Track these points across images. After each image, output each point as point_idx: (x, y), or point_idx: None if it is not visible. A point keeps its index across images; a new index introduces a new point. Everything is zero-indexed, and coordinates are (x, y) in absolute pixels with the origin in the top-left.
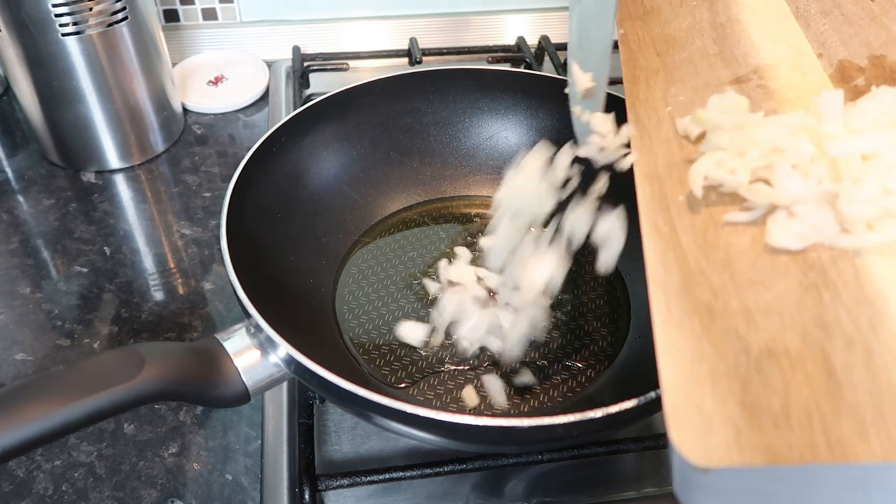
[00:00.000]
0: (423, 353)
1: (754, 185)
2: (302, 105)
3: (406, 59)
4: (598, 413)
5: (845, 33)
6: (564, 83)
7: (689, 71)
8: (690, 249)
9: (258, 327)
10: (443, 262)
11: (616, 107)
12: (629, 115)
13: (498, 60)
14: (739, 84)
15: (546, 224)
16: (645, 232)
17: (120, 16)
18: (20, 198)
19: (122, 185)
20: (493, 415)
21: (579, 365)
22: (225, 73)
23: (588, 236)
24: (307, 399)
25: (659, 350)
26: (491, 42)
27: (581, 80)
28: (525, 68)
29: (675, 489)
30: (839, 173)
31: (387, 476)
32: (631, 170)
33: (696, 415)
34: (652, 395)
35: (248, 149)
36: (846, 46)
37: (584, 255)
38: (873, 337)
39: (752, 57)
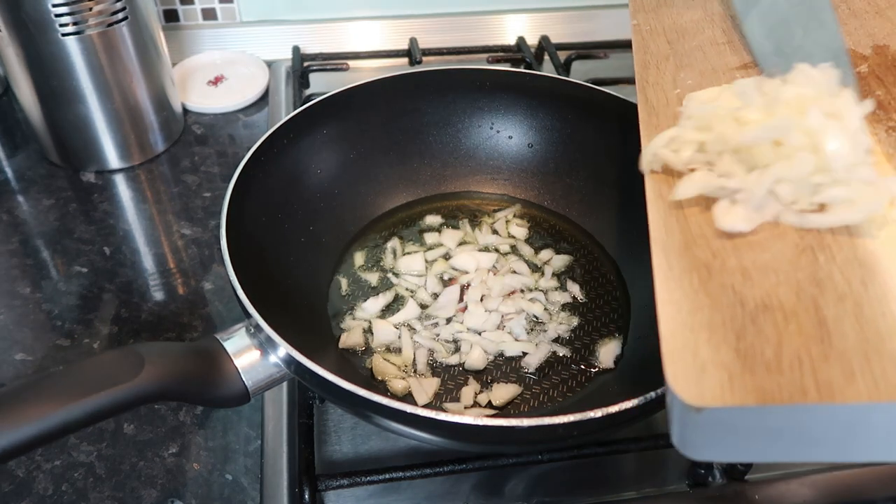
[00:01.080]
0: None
1: (698, 170)
2: (302, 105)
3: (406, 59)
4: (598, 413)
5: (851, 25)
6: (564, 83)
7: (698, 57)
8: (693, 215)
9: (258, 327)
10: (442, 261)
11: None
12: (638, 97)
13: (498, 60)
14: (746, 69)
15: None
16: (650, 198)
17: (120, 16)
18: (20, 198)
19: (122, 185)
20: (494, 414)
21: (579, 365)
22: (225, 73)
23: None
24: (307, 399)
25: (659, 302)
26: (491, 42)
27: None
28: (525, 68)
29: (673, 437)
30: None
31: (387, 476)
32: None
33: (692, 359)
34: (652, 395)
35: (248, 149)
36: (851, 37)
37: (585, 254)
38: (864, 292)
39: None
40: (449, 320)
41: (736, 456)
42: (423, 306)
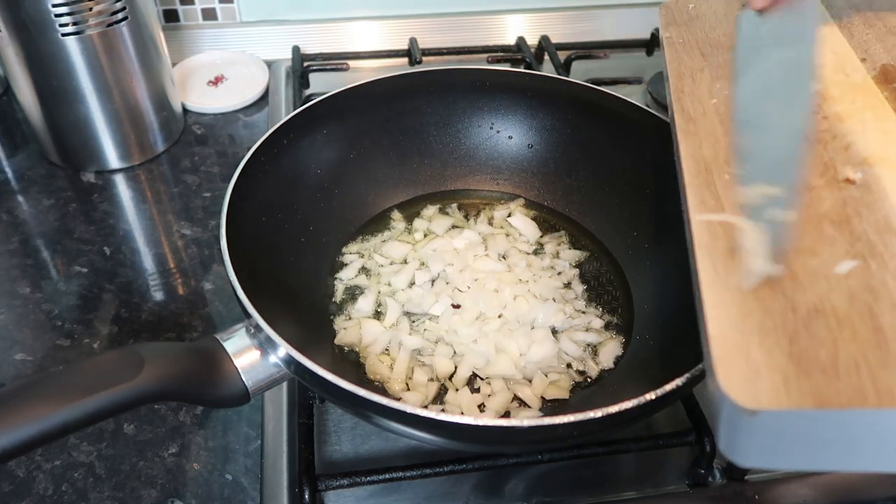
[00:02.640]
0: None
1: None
2: (302, 105)
3: (406, 59)
4: (598, 413)
5: (888, 42)
6: (564, 83)
7: (733, 69)
8: (737, 220)
9: (258, 327)
10: (440, 259)
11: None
12: (675, 107)
13: (498, 60)
14: None
15: None
16: (691, 204)
17: (120, 16)
18: (20, 198)
19: (122, 185)
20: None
21: (580, 365)
22: (225, 73)
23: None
24: (307, 399)
25: (706, 306)
26: (491, 42)
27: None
28: (525, 68)
29: (720, 442)
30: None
31: (387, 476)
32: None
33: (744, 362)
34: (651, 395)
35: (248, 149)
36: (889, 53)
37: (586, 254)
38: None
39: None
40: (434, 319)
41: (786, 462)
42: (405, 304)
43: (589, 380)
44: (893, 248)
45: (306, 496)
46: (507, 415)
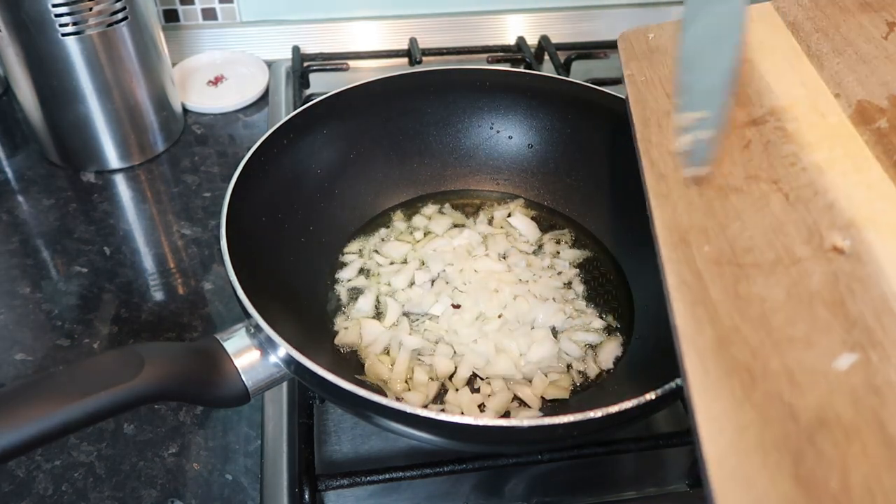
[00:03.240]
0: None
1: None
2: (302, 105)
3: (406, 59)
4: (598, 413)
5: (861, 72)
6: (564, 83)
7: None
8: (722, 304)
9: (258, 327)
10: (424, 244)
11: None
12: (643, 161)
13: (498, 60)
14: (756, 126)
15: None
16: (671, 284)
17: (120, 16)
18: (20, 198)
19: (122, 185)
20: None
21: (580, 365)
22: (225, 73)
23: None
24: (307, 399)
25: (698, 415)
26: (491, 42)
27: (686, 117)
28: (525, 68)
29: None
30: None
31: (387, 476)
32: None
33: (747, 491)
34: (651, 395)
35: (248, 149)
36: (863, 86)
37: (586, 254)
38: None
39: (767, 97)
40: (434, 319)
41: None
42: (405, 304)
43: (589, 380)
44: (893, 334)
45: (306, 496)
46: (507, 415)
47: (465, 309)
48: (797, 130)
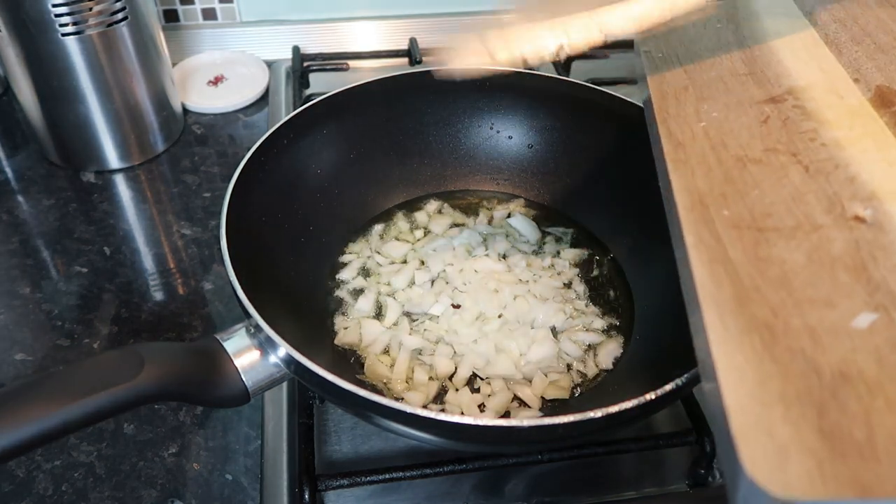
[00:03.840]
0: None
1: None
2: (302, 105)
3: (406, 59)
4: (598, 413)
5: (880, 60)
6: (564, 83)
7: (719, 89)
8: (742, 264)
9: (258, 327)
10: (423, 244)
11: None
12: (660, 130)
13: None
14: (775, 104)
15: None
16: (689, 243)
17: (120, 16)
18: (20, 198)
19: (122, 185)
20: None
21: (580, 365)
22: (225, 73)
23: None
24: (307, 399)
25: (718, 368)
26: None
27: None
28: (525, 68)
29: None
30: None
31: (387, 476)
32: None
33: (769, 440)
34: (651, 395)
35: (248, 149)
36: (882, 73)
37: (586, 254)
38: None
39: (785, 78)
40: (434, 319)
41: None
42: (405, 304)
43: (589, 380)
44: None
45: (306, 496)
46: (507, 415)
47: (465, 309)
48: (816, 109)
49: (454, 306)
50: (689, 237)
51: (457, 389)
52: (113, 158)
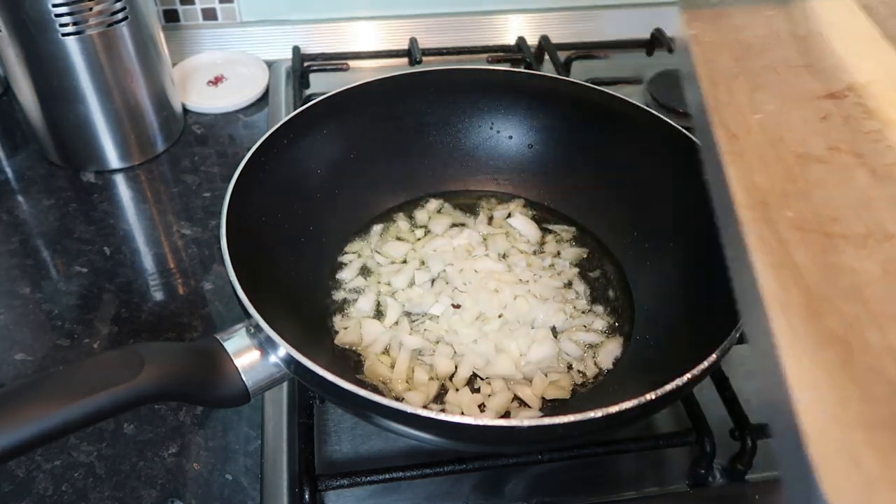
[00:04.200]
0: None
1: None
2: (302, 105)
3: (406, 59)
4: (598, 413)
5: None
6: (564, 83)
7: (773, 79)
8: (809, 271)
9: (258, 327)
10: (423, 244)
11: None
12: (713, 119)
13: (498, 60)
14: (835, 100)
15: None
16: (752, 244)
17: (120, 16)
18: (20, 198)
19: (122, 185)
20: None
21: (580, 365)
22: (225, 73)
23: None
24: (307, 399)
25: (791, 383)
26: (491, 42)
27: None
28: (525, 68)
29: None
30: None
31: (387, 476)
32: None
33: (854, 471)
34: (651, 395)
35: (248, 149)
36: None
37: (587, 254)
38: None
39: (843, 73)
40: (434, 319)
41: None
42: (405, 304)
43: (589, 380)
44: None
45: (306, 496)
46: (507, 415)
47: (465, 309)
48: (878, 108)
49: (454, 306)
50: (752, 237)
51: (457, 389)
52: (113, 158)
